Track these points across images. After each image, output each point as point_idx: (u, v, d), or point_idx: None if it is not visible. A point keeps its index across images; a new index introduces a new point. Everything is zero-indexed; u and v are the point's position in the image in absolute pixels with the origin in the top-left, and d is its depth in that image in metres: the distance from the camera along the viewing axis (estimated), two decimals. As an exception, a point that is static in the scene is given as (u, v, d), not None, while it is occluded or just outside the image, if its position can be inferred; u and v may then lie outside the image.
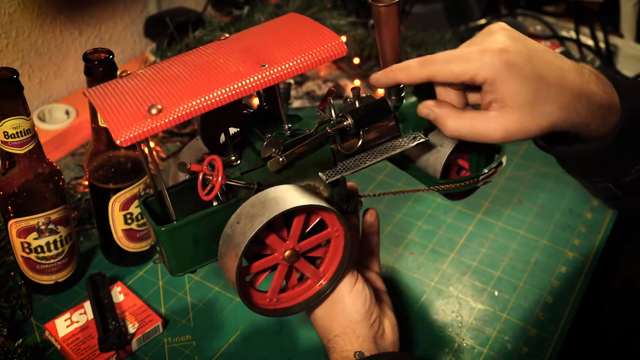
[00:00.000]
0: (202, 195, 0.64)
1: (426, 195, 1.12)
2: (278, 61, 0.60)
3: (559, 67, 0.64)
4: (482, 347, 0.88)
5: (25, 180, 0.83)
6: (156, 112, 0.55)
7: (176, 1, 1.49)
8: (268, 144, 0.64)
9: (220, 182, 0.62)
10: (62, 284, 0.92)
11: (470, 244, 1.04)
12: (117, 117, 0.56)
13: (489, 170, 0.73)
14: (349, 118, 0.66)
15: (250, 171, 0.66)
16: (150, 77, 0.60)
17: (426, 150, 0.76)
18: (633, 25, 1.46)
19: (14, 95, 0.77)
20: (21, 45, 1.20)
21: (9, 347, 0.79)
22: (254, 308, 0.67)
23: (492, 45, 0.62)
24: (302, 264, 0.68)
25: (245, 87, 0.58)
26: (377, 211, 0.79)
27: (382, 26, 0.68)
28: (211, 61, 0.61)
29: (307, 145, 0.66)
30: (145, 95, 0.57)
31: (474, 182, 0.74)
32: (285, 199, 0.63)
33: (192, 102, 0.56)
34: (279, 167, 0.65)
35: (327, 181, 0.68)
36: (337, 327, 0.71)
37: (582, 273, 1.00)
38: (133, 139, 0.54)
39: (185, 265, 0.66)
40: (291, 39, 0.63)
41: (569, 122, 0.64)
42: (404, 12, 1.46)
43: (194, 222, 0.64)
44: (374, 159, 0.70)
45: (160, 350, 0.86)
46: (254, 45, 0.63)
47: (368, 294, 0.72)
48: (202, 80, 0.58)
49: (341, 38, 0.62)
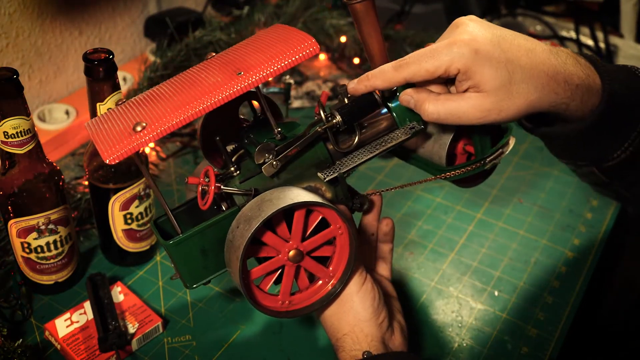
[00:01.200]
0: (201, 205, 0.66)
1: (426, 194, 1.13)
2: (253, 67, 0.63)
3: (530, 50, 0.65)
4: (482, 347, 0.88)
5: (25, 180, 0.83)
6: (140, 129, 0.59)
7: (176, 1, 1.49)
8: (260, 150, 0.66)
9: (213, 190, 0.64)
10: (62, 284, 0.92)
11: (470, 244, 1.04)
12: (105, 139, 0.60)
13: (495, 151, 0.73)
14: (337, 115, 0.67)
15: (248, 179, 0.68)
16: (139, 101, 0.64)
17: (428, 140, 0.76)
18: (633, 25, 1.46)
19: (14, 95, 0.77)
20: (21, 45, 1.20)
21: (9, 347, 0.79)
22: (264, 310, 0.68)
23: (460, 36, 0.64)
24: (310, 264, 0.69)
25: (222, 95, 0.61)
26: (393, 221, 0.80)
27: (361, 23, 0.70)
28: (194, 77, 0.65)
29: (300, 147, 0.67)
30: (132, 117, 0.62)
31: (481, 165, 0.73)
32: (281, 198, 0.64)
33: (173, 116, 0.60)
34: (274, 172, 0.67)
35: (325, 180, 0.69)
36: (346, 326, 0.72)
37: (582, 273, 1.00)
38: (120, 157, 0.58)
39: (197, 276, 0.68)
40: (267, 46, 0.66)
41: (546, 101, 0.65)
42: (404, 12, 1.46)
43: (198, 233, 0.66)
44: (370, 153, 0.71)
45: (160, 350, 0.86)
46: (234, 58, 0.66)
47: (377, 294, 0.72)
48: (183, 96, 0.62)
49: (312, 38, 0.65)
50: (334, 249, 0.70)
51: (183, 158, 1.19)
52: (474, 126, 0.70)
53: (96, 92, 0.82)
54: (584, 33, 1.44)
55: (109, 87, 0.81)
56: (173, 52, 1.23)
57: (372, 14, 0.70)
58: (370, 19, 0.70)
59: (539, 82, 0.64)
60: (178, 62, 1.22)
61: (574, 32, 1.43)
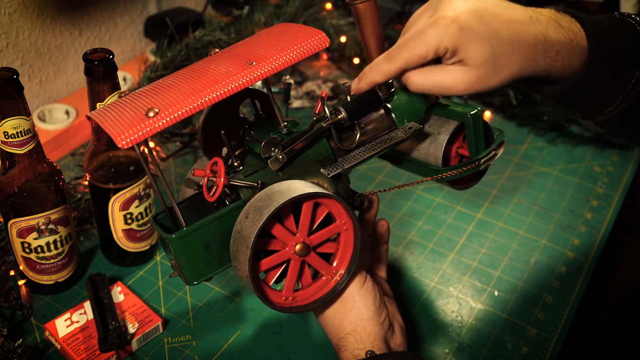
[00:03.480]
0: (207, 197, 0.65)
1: (426, 194, 1.13)
2: (265, 58, 0.63)
3: (512, 20, 0.66)
4: (482, 347, 0.89)
5: (25, 180, 0.83)
6: (153, 114, 0.58)
7: (176, 1, 1.49)
8: (267, 143, 0.66)
9: (223, 182, 0.64)
10: (62, 284, 0.92)
11: (470, 244, 1.04)
12: (116, 124, 0.58)
13: (489, 152, 0.75)
14: (343, 111, 0.69)
15: (254, 173, 0.68)
16: (146, 91, 0.63)
17: (424, 141, 0.78)
18: (633, 25, 1.46)
19: (14, 95, 0.77)
20: (21, 45, 1.20)
21: (9, 347, 0.79)
22: (269, 304, 0.68)
23: (444, 12, 0.65)
24: (314, 259, 0.69)
25: (236, 83, 0.60)
26: (388, 222, 0.81)
27: (362, 24, 0.71)
28: (202, 69, 0.64)
29: (305, 141, 0.68)
30: (142, 105, 0.60)
31: (476, 166, 0.75)
32: (292, 189, 0.64)
33: (187, 102, 0.59)
34: (280, 165, 0.67)
35: (329, 175, 0.70)
36: (348, 325, 0.72)
37: (582, 273, 1.00)
38: (134, 140, 0.57)
39: (199, 273, 0.68)
40: (277, 40, 0.66)
41: (528, 70, 0.67)
42: (404, 12, 1.46)
43: (203, 227, 0.66)
44: (373, 150, 0.72)
45: (160, 350, 0.86)
46: (242, 51, 0.66)
47: (377, 293, 0.73)
48: (194, 85, 0.61)
49: (322, 32, 0.66)
50: (337, 245, 0.70)
51: (183, 158, 1.19)
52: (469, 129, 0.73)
53: (96, 92, 0.82)
54: (584, 33, 1.44)
55: (109, 87, 0.81)
56: (173, 52, 1.23)
57: (374, 15, 0.70)
58: (373, 20, 0.70)
59: (521, 54, 0.66)
60: (178, 62, 1.22)
61: (574, 32, 1.43)
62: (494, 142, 0.77)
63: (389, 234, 0.82)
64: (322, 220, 0.68)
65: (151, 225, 0.71)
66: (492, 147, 0.76)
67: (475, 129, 0.75)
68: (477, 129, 0.75)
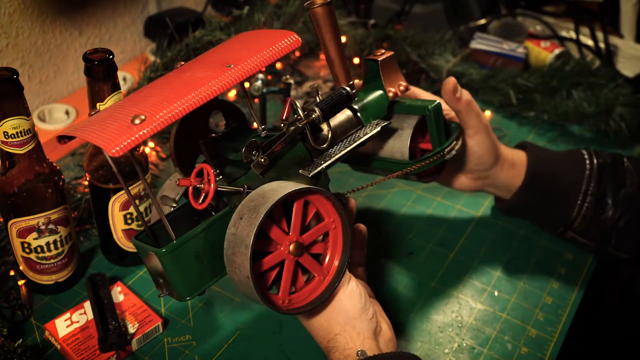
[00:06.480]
0: (195, 205, 0.65)
1: (426, 194, 1.13)
2: (242, 60, 0.64)
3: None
4: (482, 347, 0.89)
5: (25, 180, 0.83)
6: (139, 121, 0.57)
7: (176, 1, 1.49)
8: (248, 147, 0.66)
9: (213, 188, 0.64)
10: (62, 284, 0.92)
11: (470, 244, 1.04)
12: (103, 135, 0.58)
13: (450, 143, 0.81)
14: (317, 110, 0.70)
15: (237, 179, 0.68)
16: (124, 102, 0.63)
17: (389, 138, 0.82)
18: (633, 25, 1.46)
19: (14, 95, 0.77)
20: (21, 45, 1.20)
21: (9, 347, 0.79)
22: (269, 305, 0.68)
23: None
24: (307, 260, 0.70)
25: (219, 84, 0.61)
26: (366, 227, 0.82)
27: (321, 27, 0.74)
28: (178, 77, 0.64)
29: (284, 143, 0.69)
30: (124, 114, 0.60)
31: (441, 156, 0.80)
32: (283, 187, 0.65)
33: (171, 107, 0.59)
34: (262, 168, 0.68)
35: (310, 175, 0.71)
36: (337, 326, 0.72)
37: (582, 273, 1.00)
38: (124, 148, 0.56)
39: (192, 287, 0.67)
40: (249, 44, 0.67)
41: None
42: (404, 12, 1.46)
43: (193, 238, 0.65)
44: (345, 148, 0.74)
45: (160, 350, 0.86)
46: (215, 57, 0.67)
47: (362, 291, 0.73)
48: (175, 91, 0.61)
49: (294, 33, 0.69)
50: (326, 245, 0.71)
51: (183, 158, 1.19)
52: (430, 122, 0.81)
53: (96, 92, 0.82)
54: (584, 33, 1.44)
55: (109, 87, 0.81)
56: (173, 52, 1.23)
57: (332, 18, 0.73)
58: (331, 23, 0.73)
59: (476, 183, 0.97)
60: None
61: (574, 32, 1.43)
62: (453, 133, 0.83)
63: (366, 240, 0.82)
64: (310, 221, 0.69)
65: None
66: (453, 138, 0.81)
67: (437, 121, 0.80)
68: (438, 121, 0.80)
